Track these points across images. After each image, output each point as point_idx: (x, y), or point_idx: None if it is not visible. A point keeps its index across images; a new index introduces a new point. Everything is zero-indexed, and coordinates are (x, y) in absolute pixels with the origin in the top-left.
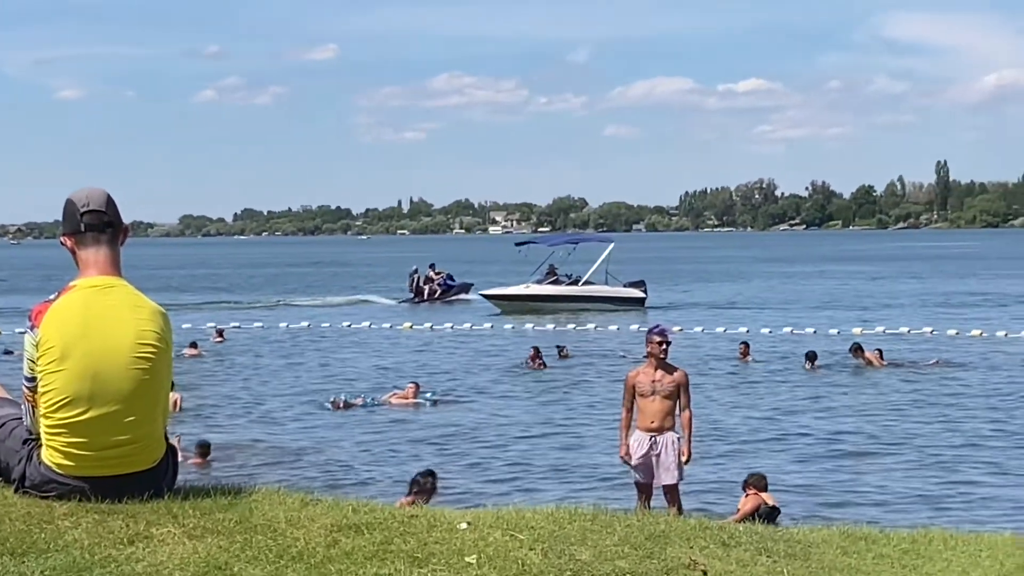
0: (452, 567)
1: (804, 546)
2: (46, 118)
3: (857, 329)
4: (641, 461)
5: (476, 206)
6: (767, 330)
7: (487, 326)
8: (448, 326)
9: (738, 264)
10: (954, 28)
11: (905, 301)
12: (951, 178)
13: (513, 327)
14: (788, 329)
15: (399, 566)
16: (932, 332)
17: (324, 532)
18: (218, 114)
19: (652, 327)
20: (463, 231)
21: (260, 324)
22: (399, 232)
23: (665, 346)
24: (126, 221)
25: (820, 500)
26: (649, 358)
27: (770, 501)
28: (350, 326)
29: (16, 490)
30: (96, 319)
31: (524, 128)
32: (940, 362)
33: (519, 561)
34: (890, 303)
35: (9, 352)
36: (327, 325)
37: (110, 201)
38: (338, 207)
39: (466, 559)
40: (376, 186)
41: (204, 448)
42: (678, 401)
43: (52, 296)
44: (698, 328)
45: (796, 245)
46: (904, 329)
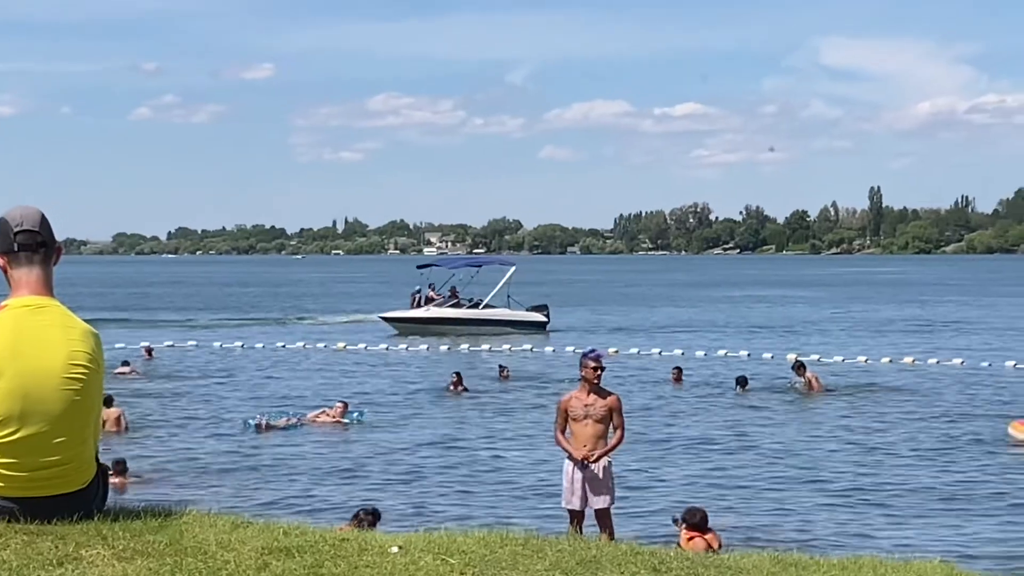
0: None
1: (735, 572)
2: None
3: (792, 355)
4: (573, 486)
5: (411, 227)
6: (701, 352)
7: (402, 348)
8: (362, 347)
9: (671, 288)
10: (890, 55)
11: (838, 327)
12: (884, 204)
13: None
14: (723, 352)
15: None
16: (866, 361)
17: (255, 555)
18: (154, 132)
19: (587, 351)
20: (398, 252)
21: (194, 343)
22: (333, 252)
23: (600, 371)
24: (59, 238)
25: (749, 524)
26: (582, 382)
27: (715, 544)
28: (284, 346)
29: None
30: (27, 340)
31: (461, 149)
32: (873, 388)
33: None
34: (824, 329)
35: None
36: (260, 345)
37: (44, 221)
38: (272, 226)
39: None
40: (312, 206)
41: (120, 465)
42: (610, 424)
43: None
44: (611, 349)
45: (729, 269)
46: (839, 357)
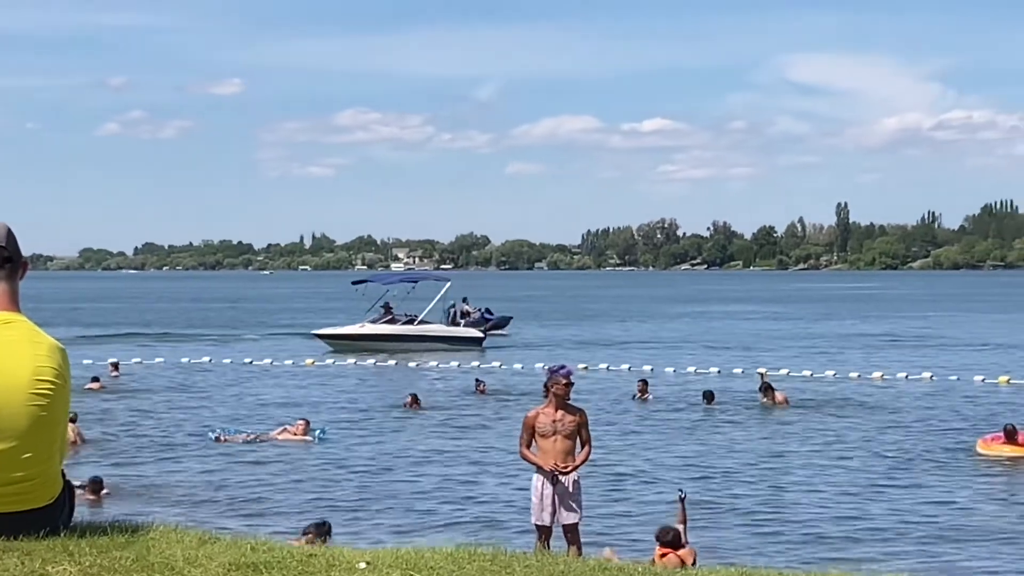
0: None
1: None
2: None
3: (762, 369)
4: (542, 501)
5: (379, 242)
6: (671, 368)
7: (370, 363)
8: (330, 362)
9: (639, 304)
10: (857, 71)
11: (807, 342)
12: (851, 220)
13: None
14: (692, 368)
15: None
16: (835, 375)
17: (222, 571)
18: (121, 147)
19: (556, 367)
20: (365, 267)
21: (161, 359)
22: (301, 268)
23: (569, 387)
24: (25, 254)
25: (720, 537)
26: (550, 397)
27: (689, 559)
28: (251, 362)
29: None
30: None
31: (429, 165)
32: (841, 404)
33: None
34: (792, 344)
35: None
36: (228, 361)
37: (10, 235)
38: (239, 242)
39: None
40: (280, 221)
41: (96, 484)
42: (578, 440)
43: None
44: (581, 365)
45: (697, 285)
46: (807, 372)
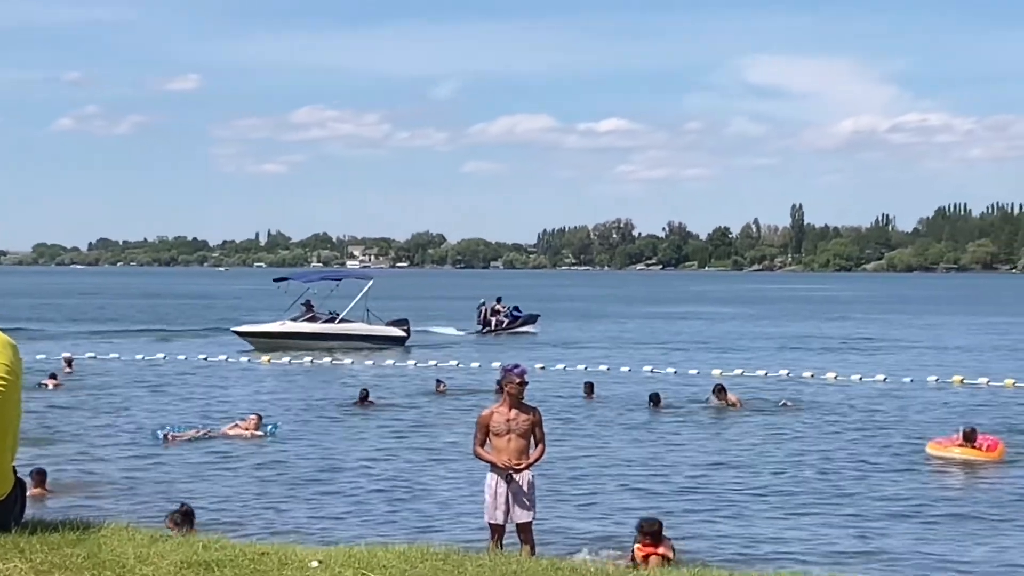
0: None
1: None
2: None
3: (717, 371)
4: (496, 500)
5: (335, 240)
6: (626, 368)
7: (326, 361)
8: (286, 360)
9: (595, 303)
10: (814, 73)
11: (761, 342)
12: (806, 221)
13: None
14: (648, 368)
15: None
16: (788, 375)
17: (174, 569)
18: (76, 142)
19: (511, 366)
20: (320, 264)
21: (116, 354)
22: (256, 264)
23: (524, 386)
24: None
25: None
26: (504, 396)
27: (669, 555)
28: (206, 359)
29: None
30: None
31: (385, 163)
32: (790, 405)
33: None
34: (747, 344)
35: None
36: (183, 357)
37: None
38: (195, 238)
39: None
40: (235, 218)
41: (39, 476)
42: (531, 438)
43: None
44: (538, 365)
45: (652, 285)
46: (761, 372)
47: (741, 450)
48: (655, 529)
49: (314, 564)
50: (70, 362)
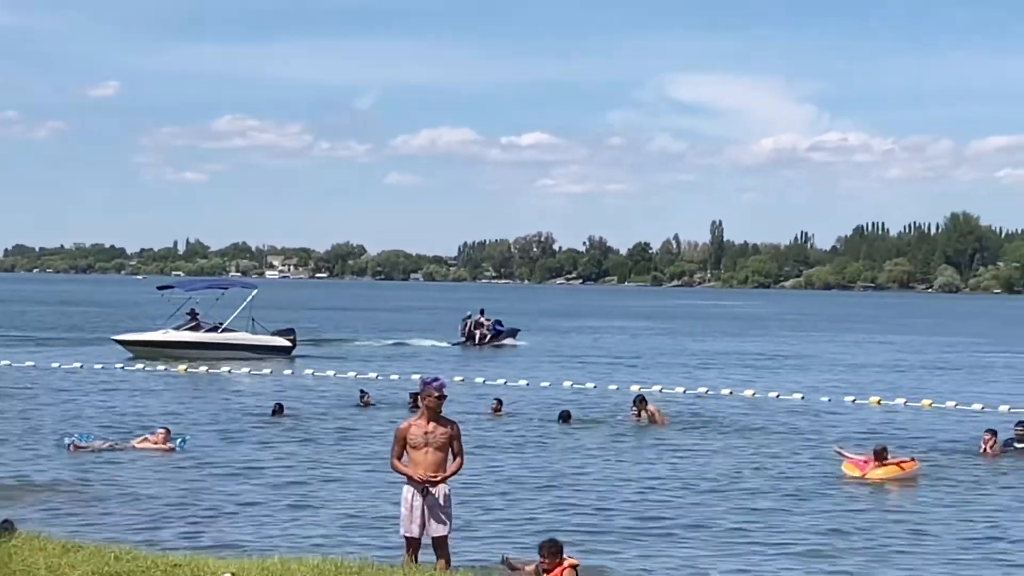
0: None
1: None
2: None
3: (636, 386)
4: (412, 513)
5: (254, 249)
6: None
7: (244, 372)
8: (204, 370)
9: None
10: (737, 91)
11: (680, 358)
12: (725, 238)
13: (270, 373)
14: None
15: None
16: (707, 392)
17: None
18: None
19: (430, 379)
20: (239, 274)
21: (32, 363)
22: (174, 273)
23: (442, 399)
24: None
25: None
26: (423, 410)
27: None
28: (123, 368)
29: None
30: None
31: (306, 173)
32: (712, 421)
33: None
34: (666, 360)
35: None
36: (99, 366)
37: None
38: (112, 246)
39: None
40: (154, 226)
41: None
42: (449, 452)
43: None
44: (457, 378)
45: (573, 299)
46: (680, 389)
47: (650, 467)
48: (555, 550)
49: None
50: None
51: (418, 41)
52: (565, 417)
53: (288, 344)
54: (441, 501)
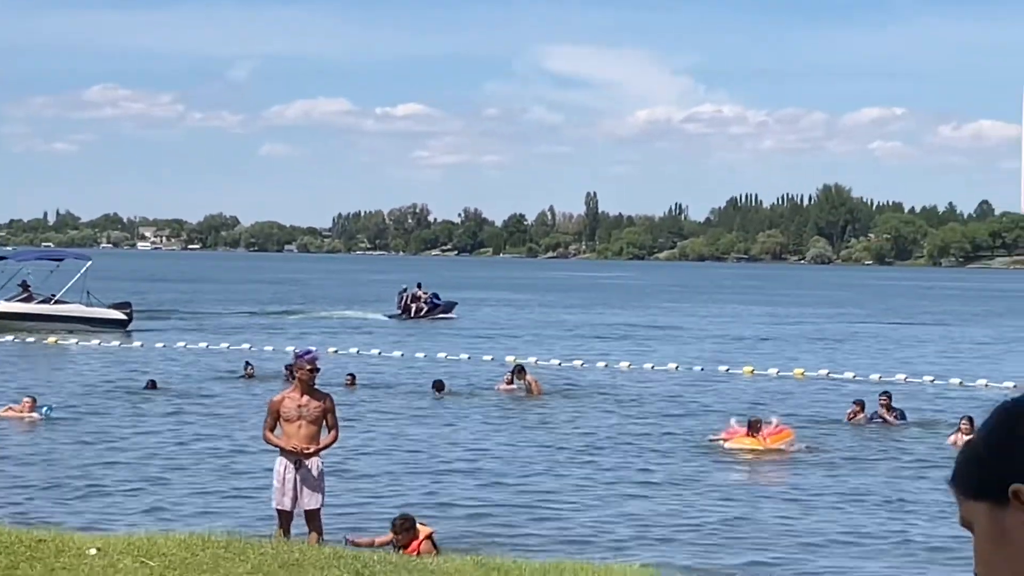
0: None
1: (439, 575)
2: None
3: (510, 357)
4: (284, 486)
5: (125, 221)
6: (421, 354)
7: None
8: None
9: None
10: (612, 63)
11: (554, 330)
12: (600, 210)
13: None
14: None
15: None
16: (582, 365)
17: None
18: None
19: (302, 352)
20: (111, 246)
21: None
22: (44, 244)
23: (315, 372)
24: None
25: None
26: (296, 383)
27: (431, 548)
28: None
29: None
30: None
31: (179, 144)
32: (586, 392)
33: None
34: (540, 332)
35: None
36: (10, 338)
37: None
38: None
39: None
40: (23, 197)
41: None
42: (323, 425)
43: None
44: (331, 349)
45: (449, 271)
46: (555, 361)
47: (523, 438)
48: (408, 524)
49: (92, 552)
50: None
51: (293, 11)
52: (438, 386)
53: (123, 317)
54: (314, 474)
